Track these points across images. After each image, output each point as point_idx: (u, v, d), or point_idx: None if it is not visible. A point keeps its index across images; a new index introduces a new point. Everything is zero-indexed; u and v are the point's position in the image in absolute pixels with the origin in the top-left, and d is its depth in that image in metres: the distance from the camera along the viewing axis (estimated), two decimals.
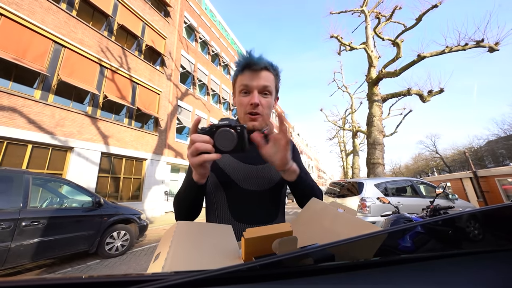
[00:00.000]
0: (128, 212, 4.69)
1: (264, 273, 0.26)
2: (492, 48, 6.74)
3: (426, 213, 2.78)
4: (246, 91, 0.67)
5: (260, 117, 0.67)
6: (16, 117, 6.06)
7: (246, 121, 0.68)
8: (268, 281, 0.26)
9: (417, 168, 47.94)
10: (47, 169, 6.65)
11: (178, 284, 0.21)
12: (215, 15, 20.06)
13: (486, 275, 0.29)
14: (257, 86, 0.66)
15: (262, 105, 0.67)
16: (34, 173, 3.62)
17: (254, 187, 0.71)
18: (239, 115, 0.71)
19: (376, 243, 0.32)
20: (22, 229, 3.09)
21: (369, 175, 7.58)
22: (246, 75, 0.66)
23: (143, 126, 10.39)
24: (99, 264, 3.91)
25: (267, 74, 0.67)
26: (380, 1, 9.94)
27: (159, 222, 8.53)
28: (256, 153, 0.73)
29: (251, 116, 0.67)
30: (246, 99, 0.67)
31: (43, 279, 0.22)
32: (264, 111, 0.67)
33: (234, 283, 0.24)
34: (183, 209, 0.65)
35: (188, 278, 0.22)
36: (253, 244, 0.39)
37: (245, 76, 0.67)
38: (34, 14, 6.71)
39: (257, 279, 0.26)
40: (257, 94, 0.66)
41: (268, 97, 0.68)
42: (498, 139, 34.24)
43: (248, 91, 0.67)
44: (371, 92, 8.61)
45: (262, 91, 0.67)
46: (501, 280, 0.29)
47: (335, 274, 0.28)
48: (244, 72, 0.67)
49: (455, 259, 0.32)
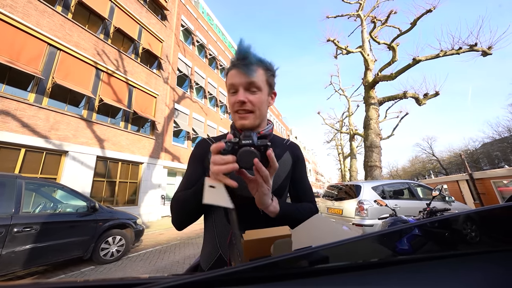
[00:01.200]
0: (124, 216, 4.62)
1: (259, 275, 0.26)
2: (485, 52, 6.87)
3: (423, 215, 2.79)
4: (233, 90, 0.65)
5: (252, 115, 0.65)
6: (9, 121, 5.96)
7: (237, 120, 0.66)
8: (263, 283, 0.26)
9: (414, 171, 48.39)
10: (41, 173, 6.53)
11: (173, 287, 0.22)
12: (212, 18, 20.16)
13: (481, 276, 0.30)
14: (241, 83, 0.63)
15: (251, 102, 0.64)
16: (27, 178, 3.56)
17: (251, 194, 0.69)
18: (232, 115, 0.70)
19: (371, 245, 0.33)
20: (13, 235, 3.02)
21: (367, 178, 7.61)
22: (232, 74, 0.65)
23: (139, 129, 10.31)
24: (93, 271, 3.82)
25: (253, 69, 0.63)
26: (376, 6, 10.10)
27: (155, 227, 8.42)
28: None
29: (239, 115, 0.65)
30: (233, 98, 0.65)
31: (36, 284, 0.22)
32: (254, 108, 0.64)
33: (228, 285, 0.25)
34: (186, 214, 0.64)
35: (183, 280, 0.22)
36: (253, 246, 0.40)
37: (231, 75, 0.65)
38: (28, 17, 6.66)
39: (252, 281, 0.26)
40: (243, 91, 0.63)
41: (257, 93, 0.65)
42: (493, 142, 34.76)
43: (235, 89, 0.65)
44: (367, 95, 8.69)
45: (248, 87, 0.64)
46: (496, 280, 0.29)
47: (329, 276, 0.28)
48: (231, 69, 0.66)
49: (449, 260, 0.32)
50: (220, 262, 0.64)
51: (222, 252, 0.65)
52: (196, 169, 0.74)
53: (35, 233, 3.24)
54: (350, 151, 18.18)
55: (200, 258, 0.72)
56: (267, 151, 0.50)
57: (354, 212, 4.28)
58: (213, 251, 0.66)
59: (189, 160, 0.78)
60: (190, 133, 13.65)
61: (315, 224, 0.57)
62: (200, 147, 0.78)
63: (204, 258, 0.69)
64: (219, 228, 0.68)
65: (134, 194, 9.53)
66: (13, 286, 0.21)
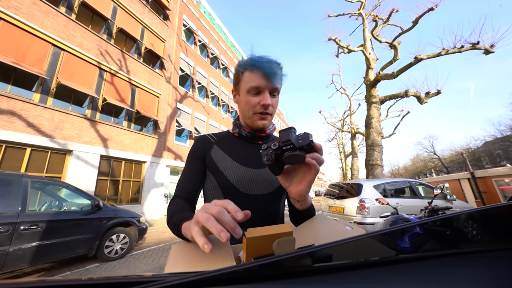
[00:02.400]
0: (127, 215, 4.67)
1: (262, 273, 0.26)
2: (487, 50, 6.82)
3: (424, 214, 2.79)
4: (256, 92, 0.67)
5: (270, 117, 0.71)
6: (15, 121, 6.05)
7: (255, 120, 0.70)
8: (266, 281, 0.26)
9: (416, 169, 48.04)
10: (46, 172, 6.62)
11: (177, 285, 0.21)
12: (214, 18, 20.17)
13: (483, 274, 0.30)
14: (269, 87, 0.66)
15: (272, 106, 0.69)
16: (32, 177, 3.61)
17: (253, 191, 0.70)
18: (246, 114, 0.71)
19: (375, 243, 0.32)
20: (20, 233, 3.07)
21: (368, 177, 7.60)
22: (257, 75, 0.65)
23: (142, 128, 10.38)
24: (98, 268, 3.89)
25: (278, 76, 0.67)
26: (377, 4, 10.04)
27: (158, 225, 8.49)
28: (257, 156, 0.73)
29: (261, 116, 0.69)
30: (256, 99, 0.67)
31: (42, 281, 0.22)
32: (274, 110, 0.71)
33: (231, 284, 0.24)
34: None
35: (186, 279, 0.22)
36: (255, 243, 0.39)
37: (256, 76, 0.66)
38: (33, 18, 6.73)
39: (255, 280, 0.26)
40: (269, 95, 0.67)
41: (277, 97, 0.71)
42: (495, 140, 34.40)
43: (258, 91, 0.67)
44: (369, 94, 8.66)
45: (272, 92, 0.68)
46: (498, 279, 0.29)
47: (332, 274, 0.28)
48: (254, 71, 0.66)
49: (452, 258, 0.32)
50: None
51: None
52: (197, 167, 0.72)
53: (41, 231, 3.29)
54: (352, 150, 18.14)
55: None
56: (313, 144, 0.45)
57: (356, 211, 4.29)
58: None
59: (188, 157, 0.75)
60: (192, 132, 13.71)
61: (317, 223, 0.56)
62: (201, 142, 0.76)
63: None
64: None
65: (137, 192, 9.61)
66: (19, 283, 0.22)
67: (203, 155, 0.74)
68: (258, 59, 0.66)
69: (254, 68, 0.66)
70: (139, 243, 5.53)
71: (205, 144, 0.75)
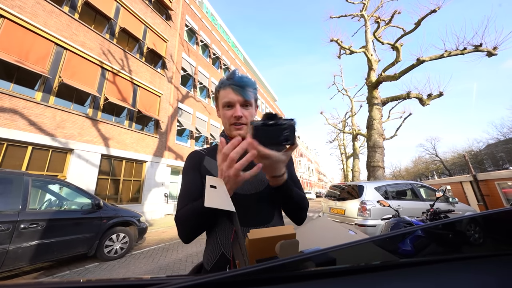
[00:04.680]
0: (128, 214, 4.67)
1: (265, 276, 0.26)
2: (490, 52, 6.78)
3: (426, 216, 2.77)
4: (229, 105, 0.75)
5: (245, 126, 0.74)
6: (17, 119, 6.07)
7: (232, 131, 0.75)
8: (269, 284, 0.26)
9: (417, 171, 47.86)
10: (47, 171, 6.64)
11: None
12: (216, 18, 20.22)
13: (486, 280, 0.29)
14: (240, 100, 0.73)
15: (245, 116, 0.74)
16: (33, 175, 3.61)
17: (245, 191, 0.73)
18: (226, 126, 0.78)
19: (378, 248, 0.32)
20: (20, 231, 3.08)
21: (369, 178, 7.57)
22: (228, 91, 0.74)
23: (143, 128, 10.40)
24: (98, 267, 3.88)
25: (247, 90, 0.74)
26: (380, 6, 10.03)
27: (158, 225, 8.49)
28: None
29: (235, 127, 0.74)
30: (229, 112, 0.74)
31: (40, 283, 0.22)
32: (247, 121, 0.75)
33: (235, 287, 0.24)
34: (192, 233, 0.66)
35: (189, 282, 0.21)
36: (257, 245, 0.40)
37: (228, 92, 0.74)
38: (36, 17, 6.77)
39: (258, 283, 0.25)
40: (240, 107, 0.73)
41: (250, 108, 0.76)
42: (498, 143, 34.21)
43: (231, 105, 0.74)
44: (371, 95, 8.64)
45: (244, 104, 0.74)
46: (502, 284, 0.29)
47: (336, 278, 0.28)
48: (225, 88, 0.75)
49: (455, 263, 0.32)
50: (223, 260, 0.66)
51: (224, 250, 0.66)
52: (195, 175, 0.77)
53: (41, 229, 3.29)
54: (353, 151, 18.10)
55: (203, 257, 0.74)
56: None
57: (357, 213, 4.27)
58: (215, 249, 0.68)
59: (183, 171, 0.80)
60: (193, 132, 13.72)
61: (320, 226, 0.57)
62: (193, 158, 0.82)
63: (207, 256, 0.70)
64: (220, 226, 0.70)
65: (138, 192, 9.61)
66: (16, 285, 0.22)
67: (197, 166, 0.80)
68: (229, 78, 0.75)
69: (225, 86, 0.75)
70: (139, 243, 5.53)
71: (197, 157, 0.82)
